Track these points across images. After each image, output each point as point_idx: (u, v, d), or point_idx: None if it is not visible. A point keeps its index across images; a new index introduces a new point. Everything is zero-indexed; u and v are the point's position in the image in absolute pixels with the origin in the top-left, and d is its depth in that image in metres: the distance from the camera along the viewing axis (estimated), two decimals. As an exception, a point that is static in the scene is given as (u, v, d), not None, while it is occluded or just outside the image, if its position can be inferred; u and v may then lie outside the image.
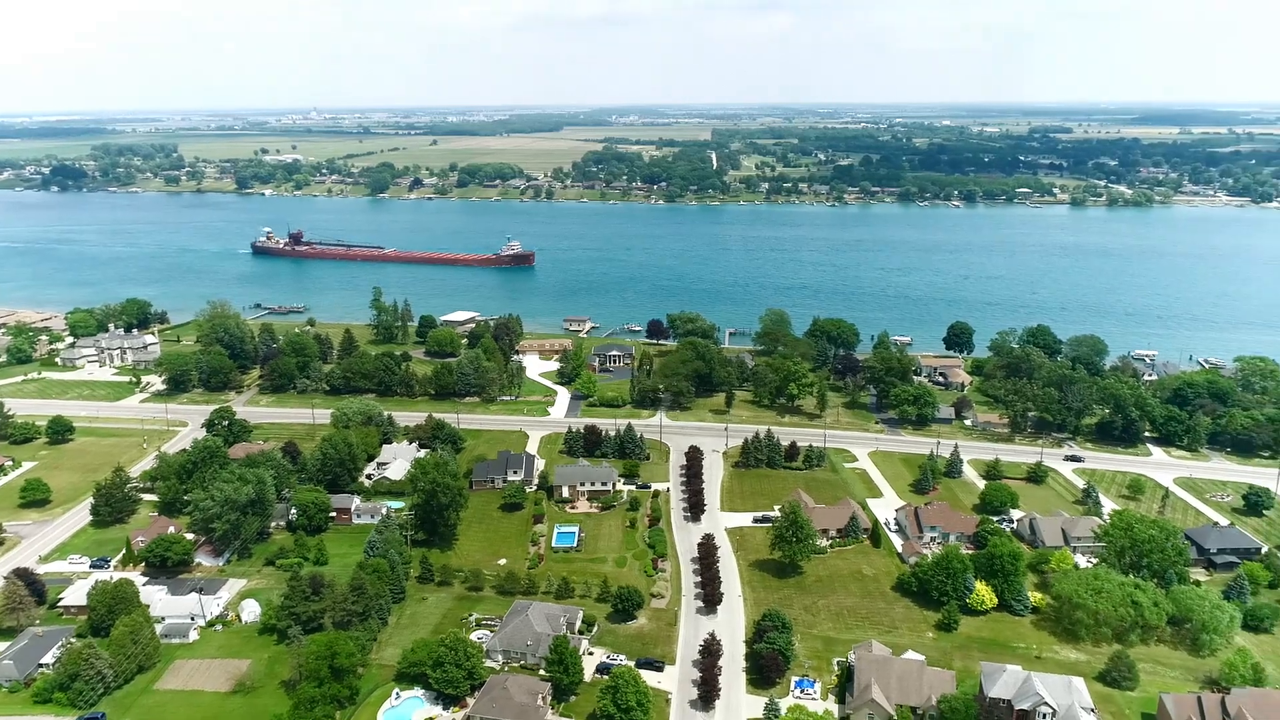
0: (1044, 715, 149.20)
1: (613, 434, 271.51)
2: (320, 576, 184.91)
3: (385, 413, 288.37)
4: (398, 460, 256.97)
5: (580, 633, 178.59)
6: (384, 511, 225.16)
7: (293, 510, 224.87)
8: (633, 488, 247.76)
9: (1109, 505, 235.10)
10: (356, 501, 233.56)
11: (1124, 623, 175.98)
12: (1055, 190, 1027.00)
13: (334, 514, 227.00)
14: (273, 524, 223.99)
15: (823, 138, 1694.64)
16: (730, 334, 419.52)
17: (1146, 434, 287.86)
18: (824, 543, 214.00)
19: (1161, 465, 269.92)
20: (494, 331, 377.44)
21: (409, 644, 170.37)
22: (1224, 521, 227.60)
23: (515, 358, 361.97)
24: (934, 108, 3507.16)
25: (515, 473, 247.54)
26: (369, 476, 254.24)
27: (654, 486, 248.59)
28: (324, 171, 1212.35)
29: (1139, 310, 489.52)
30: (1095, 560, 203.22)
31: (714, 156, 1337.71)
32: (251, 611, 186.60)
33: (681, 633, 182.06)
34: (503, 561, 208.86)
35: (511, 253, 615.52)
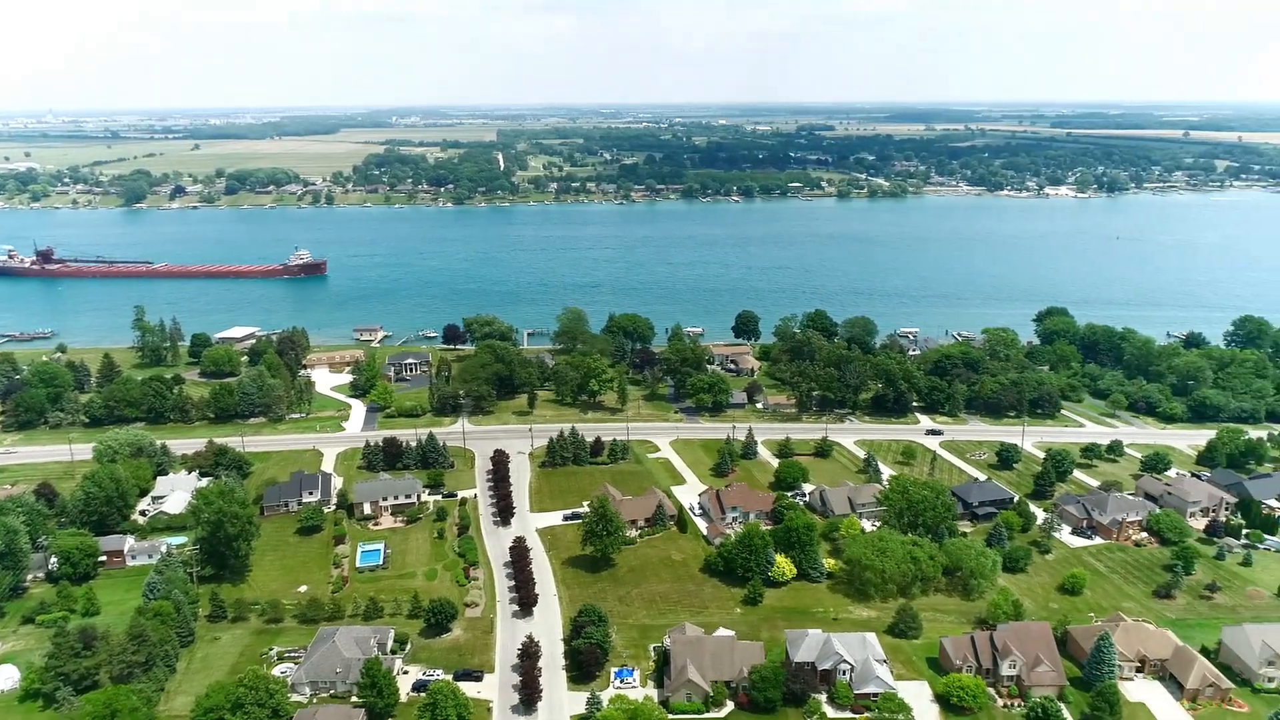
0: (844, 672, 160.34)
1: (414, 444, 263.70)
2: (92, 629, 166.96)
3: (158, 442, 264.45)
4: (176, 492, 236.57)
5: (393, 652, 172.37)
6: (163, 549, 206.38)
7: (53, 559, 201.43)
8: (439, 497, 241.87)
9: (887, 472, 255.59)
10: (130, 542, 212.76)
11: (906, 578, 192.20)
12: (823, 184, 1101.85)
13: (104, 558, 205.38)
14: (29, 576, 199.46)
15: (607, 137, 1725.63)
16: (529, 335, 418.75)
17: (914, 404, 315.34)
18: (633, 533, 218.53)
19: (930, 430, 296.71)
20: (278, 346, 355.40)
21: (203, 689, 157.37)
22: (982, 477, 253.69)
23: (303, 373, 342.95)
24: (710, 108, 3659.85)
25: (311, 493, 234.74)
26: (144, 513, 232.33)
27: (460, 494, 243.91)
28: (67, 180, 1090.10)
29: (901, 291, 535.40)
30: (878, 523, 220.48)
31: (500, 157, 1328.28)
32: (8, 678, 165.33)
33: (499, 639, 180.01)
34: (303, 588, 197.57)
35: (300, 262, 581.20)
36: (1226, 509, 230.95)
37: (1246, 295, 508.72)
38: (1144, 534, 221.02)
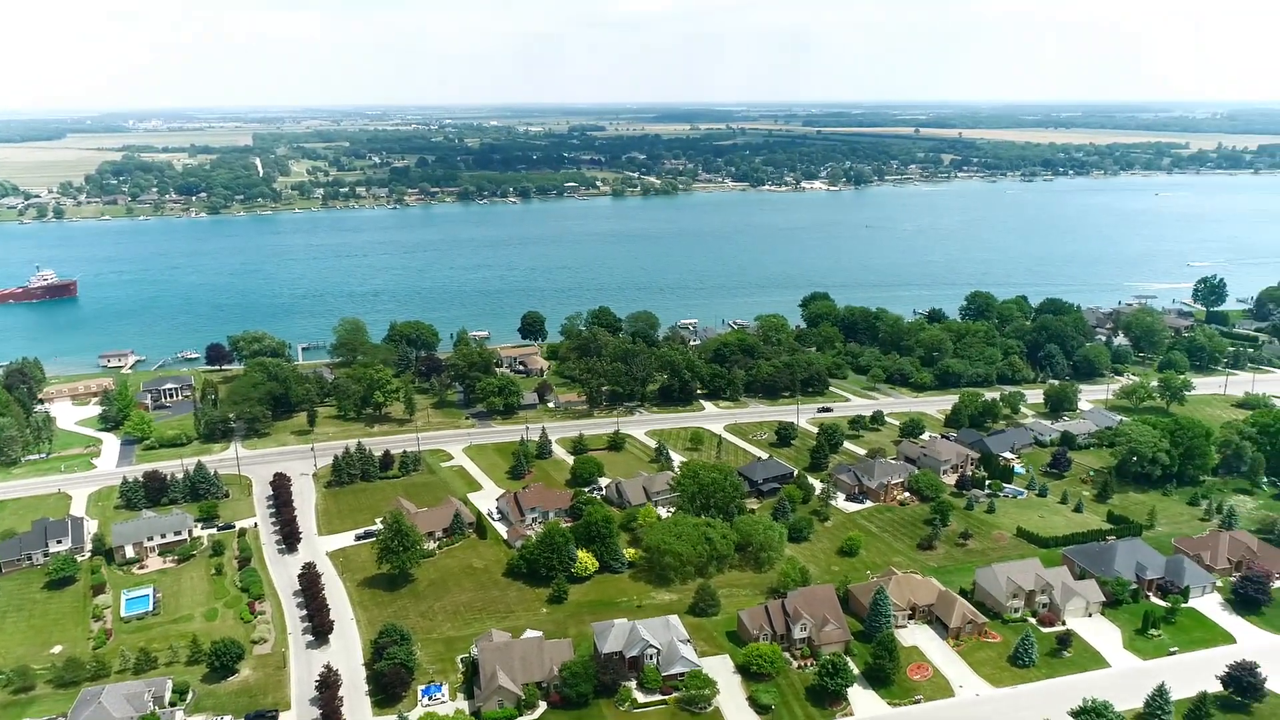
0: (651, 656, 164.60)
1: (180, 476, 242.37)
2: None
3: None
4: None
5: (173, 704, 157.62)
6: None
7: None
8: (214, 531, 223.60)
9: (678, 459, 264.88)
10: None
11: (703, 559, 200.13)
12: (598, 183, 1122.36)
13: None
14: None
15: (375, 140, 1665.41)
16: (304, 349, 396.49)
17: (699, 391, 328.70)
18: (431, 545, 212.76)
19: (713, 416, 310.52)
20: (4, 380, 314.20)
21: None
22: (764, 455, 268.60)
23: (40, 408, 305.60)
24: (481, 109, 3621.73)
25: (59, 542, 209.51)
26: None
27: (239, 525, 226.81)
28: None
29: (679, 284, 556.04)
30: (673, 509, 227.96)
31: (259, 163, 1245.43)
32: None
33: (293, 673, 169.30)
34: (58, 648, 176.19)
35: (45, 283, 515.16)
36: (971, 464, 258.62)
37: (975, 272, 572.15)
38: (907, 494, 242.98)
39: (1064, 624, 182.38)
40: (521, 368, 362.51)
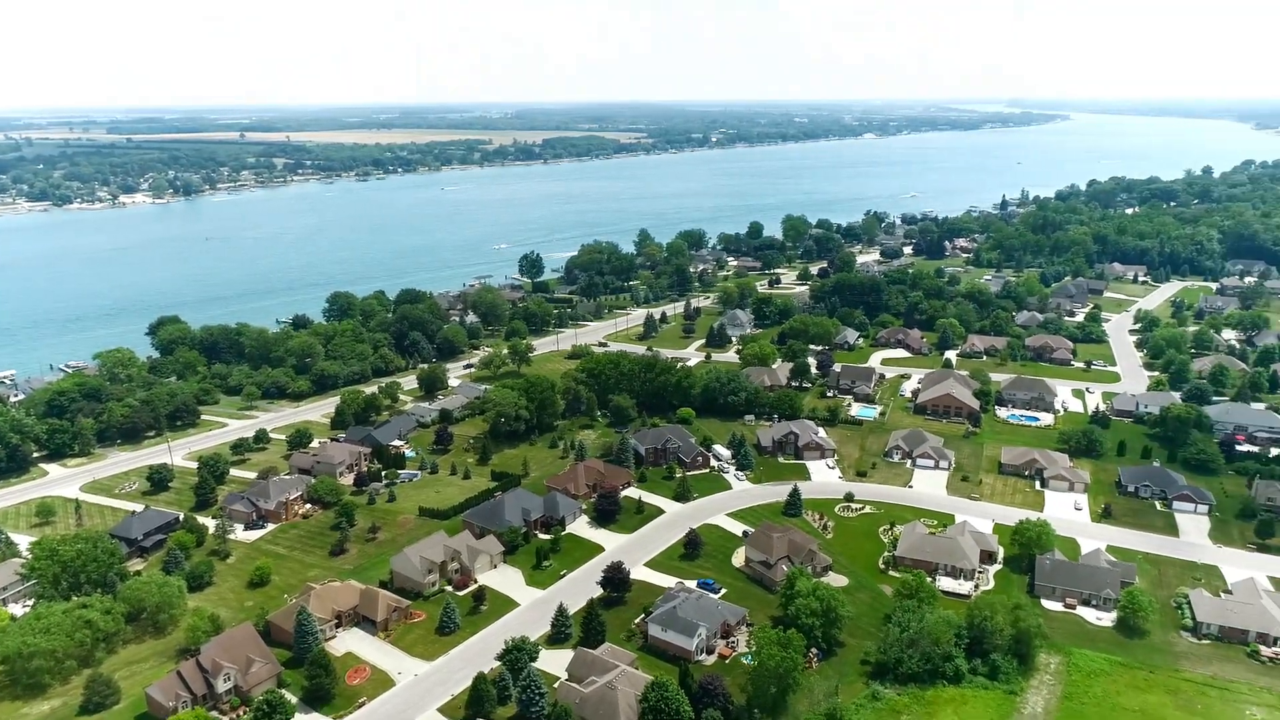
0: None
1: None
2: None
3: None
4: None
5: None
6: None
7: None
8: None
9: (24, 541, 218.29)
10: None
11: (85, 647, 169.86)
12: None
13: None
14: None
15: None
16: None
17: (36, 455, 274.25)
18: None
19: (62, 479, 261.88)
20: None
21: None
22: (139, 507, 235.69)
23: None
24: None
25: None
26: None
27: None
28: None
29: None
30: (32, 601, 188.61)
31: None
32: None
33: None
34: None
35: None
36: (365, 459, 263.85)
37: (334, 273, 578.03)
38: (308, 505, 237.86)
39: (476, 582, 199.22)
40: None
